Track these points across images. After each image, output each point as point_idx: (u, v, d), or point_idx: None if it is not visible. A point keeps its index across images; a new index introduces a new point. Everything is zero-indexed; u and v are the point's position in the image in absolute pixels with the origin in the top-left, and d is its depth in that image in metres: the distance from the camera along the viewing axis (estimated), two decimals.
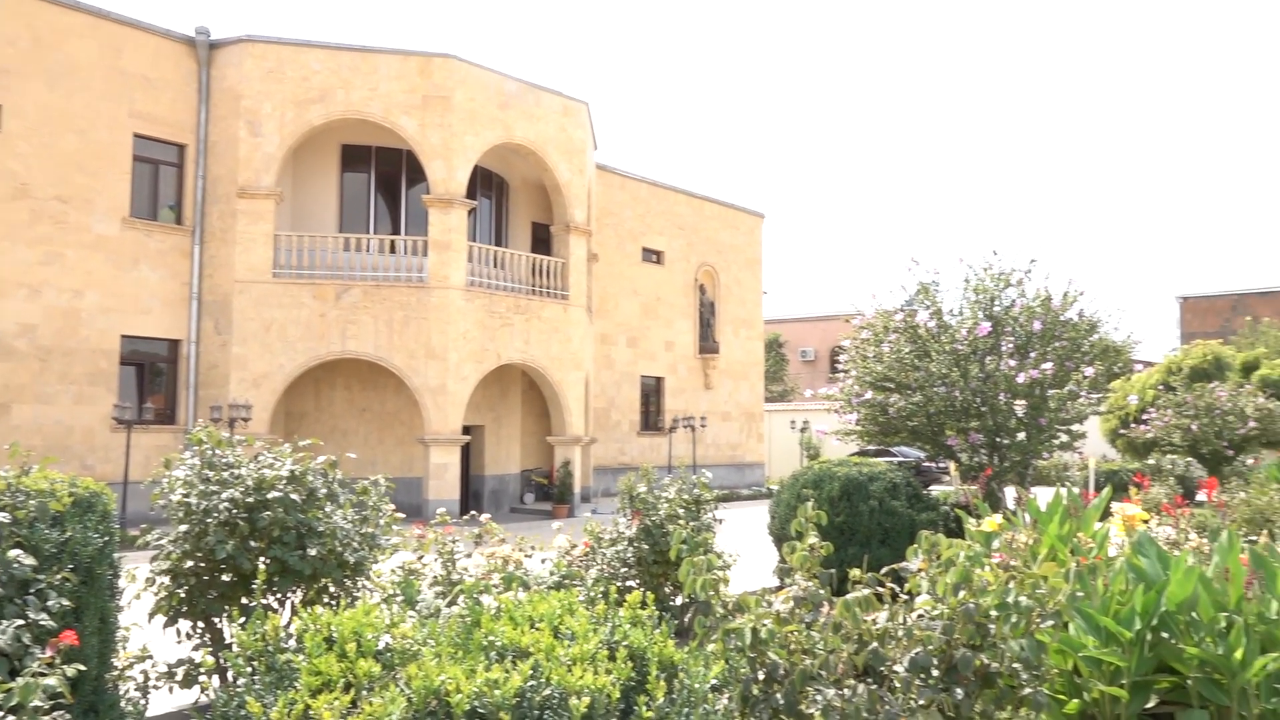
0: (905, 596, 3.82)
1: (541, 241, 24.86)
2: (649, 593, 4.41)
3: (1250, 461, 20.89)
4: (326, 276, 20.10)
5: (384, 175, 22.10)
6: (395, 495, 7.65)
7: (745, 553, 9.70)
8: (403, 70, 20.56)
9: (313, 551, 5.81)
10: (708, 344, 32.51)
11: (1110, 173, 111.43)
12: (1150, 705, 5.44)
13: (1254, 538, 7.39)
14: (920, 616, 3.61)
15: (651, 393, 31.07)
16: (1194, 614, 5.33)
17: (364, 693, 3.01)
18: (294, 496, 5.77)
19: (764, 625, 3.55)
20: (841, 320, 16.89)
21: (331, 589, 6.30)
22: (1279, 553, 6.04)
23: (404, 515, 7.47)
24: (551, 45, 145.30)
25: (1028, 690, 3.53)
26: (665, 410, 31.01)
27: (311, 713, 2.83)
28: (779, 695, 3.43)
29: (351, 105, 20.29)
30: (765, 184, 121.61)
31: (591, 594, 6.74)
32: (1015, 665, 3.55)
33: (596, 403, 28.12)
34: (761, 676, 3.51)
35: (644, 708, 2.91)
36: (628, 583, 7.90)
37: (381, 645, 3.33)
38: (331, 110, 20.23)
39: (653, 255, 31.06)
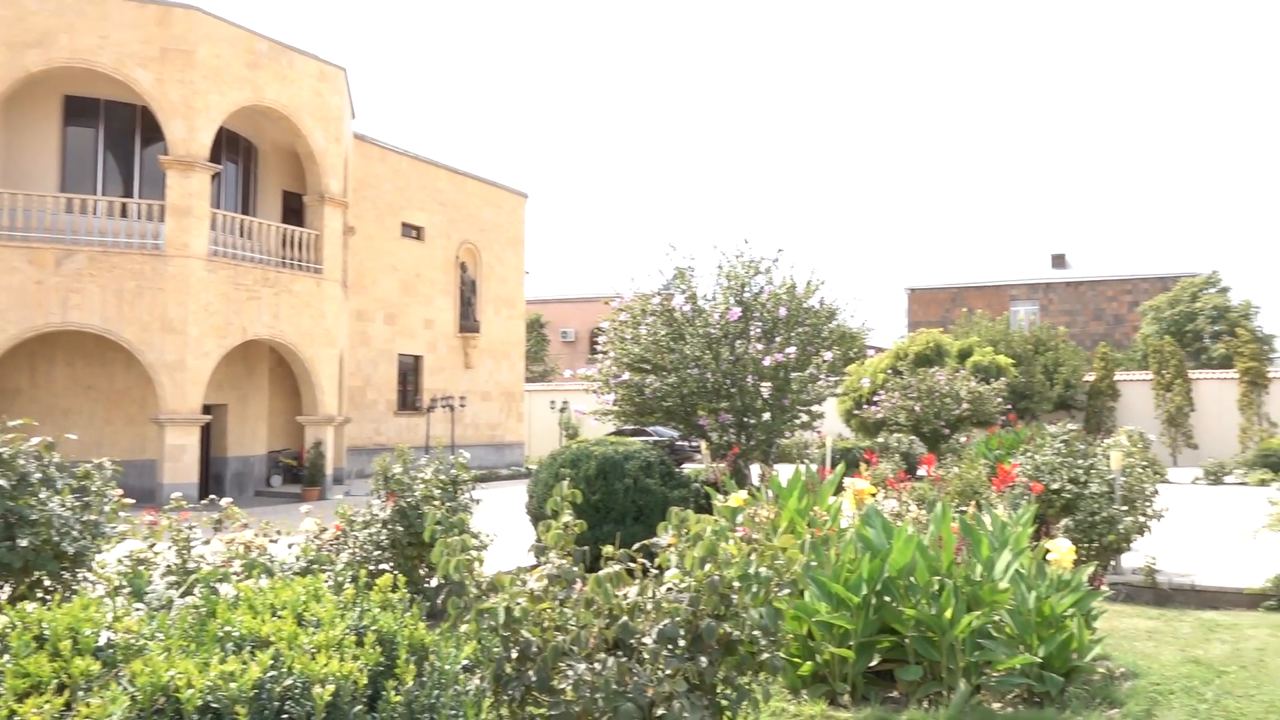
0: (656, 571, 3.94)
1: (294, 212, 23.63)
2: (403, 576, 4.32)
3: (963, 439, 23.06)
4: (45, 240, 18.20)
5: (115, 132, 20.25)
6: (125, 479, 7.07)
7: (503, 532, 9.69)
8: (138, 18, 18.89)
9: (24, 542, 5.28)
10: (468, 323, 32.13)
11: (848, 168, 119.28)
12: (874, 664, 5.91)
13: (964, 508, 8.16)
14: (669, 590, 3.74)
15: (410, 371, 30.37)
16: (912, 579, 5.83)
17: (80, 693, 2.77)
18: (1, 482, 5.22)
19: (518, 604, 3.56)
20: (601, 302, 17.15)
21: (47, 582, 5.76)
22: (985, 522, 6.71)
23: (134, 501, 6.92)
24: (308, 7, 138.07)
25: (766, 655, 3.73)
26: (424, 389, 30.41)
27: (18, 718, 2.58)
28: (531, 673, 3.45)
29: (77, 52, 18.44)
30: (529, 164, 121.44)
31: (340, 579, 6.52)
32: (755, 632, 3.74)
33: (351, 381, 27.16)
34: (515, 655, 3.52)
35: (392, 692, 2.85)
36: (381, 566, 7.70)
37: (103, 641, 3.07)
38: (53, 57, 18.30)
39: (413, 231, 30.30)
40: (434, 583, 7.84)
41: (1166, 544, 11.04)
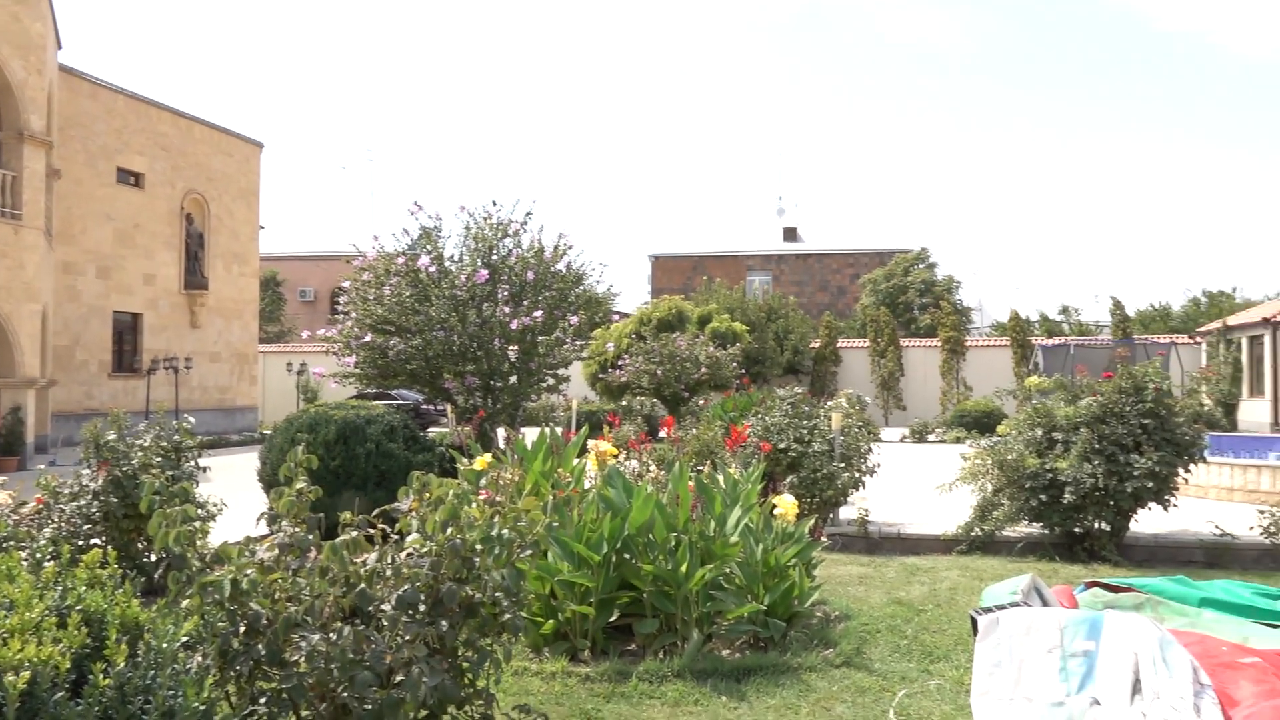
0: (396, 537, 3.86)
1: None
2: (116, 550, 3.99)
3: (701, 402, 24.09)
4: None
5: None
6: None
7: (234, 502, 9.16)
8: None
9: None
10: (195, 279, 29.97)
11: (595, 136, 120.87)
12: (614, 619, 6.09)
13: (701, 468, 8.54)
14: (410, 555, 3.67)
15: (127, 330, 27.96)
16: (651, 536, 6.04)
17: None
18: None
19: (246, 575, 3.38)
20: (343, 261, 16.48)
21: None
22: (719, 480, 7.05)
23: None
24: None
25: (508, 616, 3.76)
26: (144, 350, 28.12)
27: None
28: (261, 646, 3.30)
29: None
30: (266, 113, 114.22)
31: (40, 555, 5.94)
32: (498, 594, 3.75)
33: (58, 340, 24.66)
34: (243, 629, 3.35)
35: (100, 675, 2.63)
36: (93, 541, 7.08)
37: None
38: None
39: (131, 177, 27.79)
40: (153, 557, 7.30)
41: (878, 497, 12.06)
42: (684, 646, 5.79)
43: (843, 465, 9.82)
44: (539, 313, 14.14)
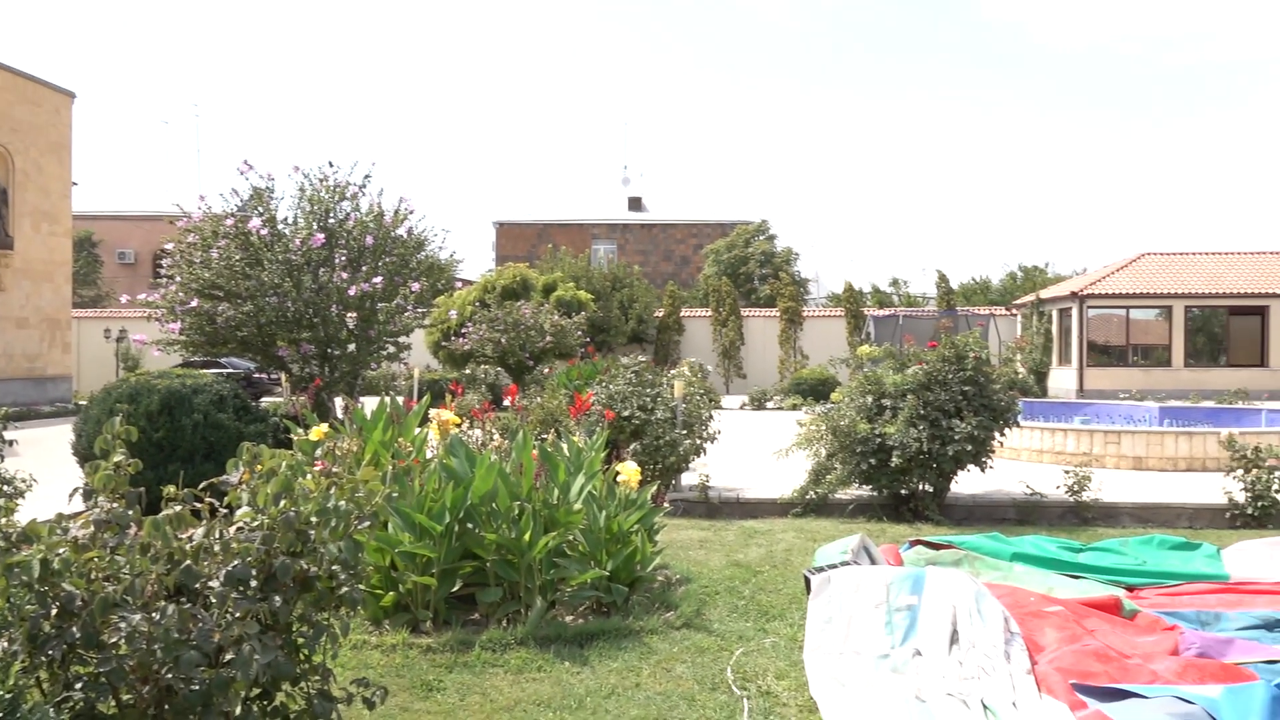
0: (226, 511, 3.70)
1: None
2: None
3: (546, 371, 24.05)
4: None
5: None
6: None
7: (47, 477, 8.59)
8: None
9: None
10: None
11: (438, 98, 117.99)
12: (456, 589, 6.04)
13: (545, 436, 8.53)
14: (240, 529, 3.53)
15: None
16: (494, 505, 6.00)
17: None
18: None
19: (58, 555, 3.17)
20: (166, 221, 15.57)
21: None
22: (563, 448, 7.06)
23: None
24: None
25: (345, 589, 3.66)
26: None
27: None
28: (75, 629, 3.10)
29: None
30: (79, 61, 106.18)
31: None
32: (334, 568, 3.65)
33: None
34: (54, 611, 3.14)
35: None
36: None
37: None
38: None
39: None
40: None
41: (719, 463, 12.36)
42: (527, 614, 5.80)
43: (685, 432, 10.00)
44: (379, 279, 13.76)
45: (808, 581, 5.88)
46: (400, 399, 8.33)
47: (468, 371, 25.14)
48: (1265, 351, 34.31)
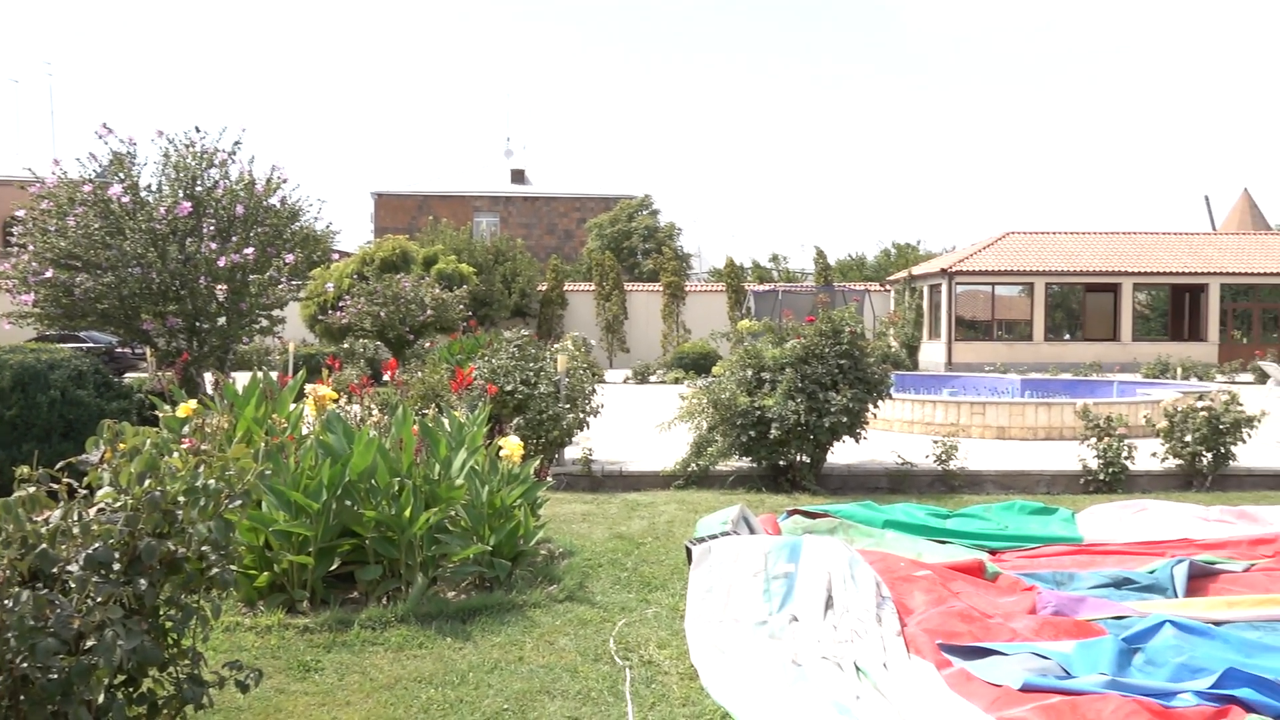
0: (85, 492, 3.53)
1: None
2: None
3: (427, 345, 23.67)
4: None
5: None
6: None
7: None
8: None
9: None
10: None
11: (313, 65, 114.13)
12: (334, 568, 5.92)
13: (426, 411, 8.41)
14: (101, 510, 3.37)
15: None
16: (373, 481, 5.90)
17: None
18: None
19: None
20: (17, 186, 14.66)
21: None
22: (444, 423, 6.97)
23: None
24: None
25: (216, 571, 3.55)
26: None
27: None
28: None
29: None
30: None
31: None
32: (204, 548, 3.53)
33: None
34: None
35: None
36: None
37: None
38: None
39: None
40: None
41: (602, 437, 12.41)
42: (408, 591, 5.73)
43: (568, 407, 10.00)
44: (250, 250, 13.28)
45: (689, 552, 5.98)
46: (274, 374, 8.08)
47: (346, 346, 24.54)
48: (1117, 326, 36.31)
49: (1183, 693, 4.14)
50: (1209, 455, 10.15)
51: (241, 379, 8.55)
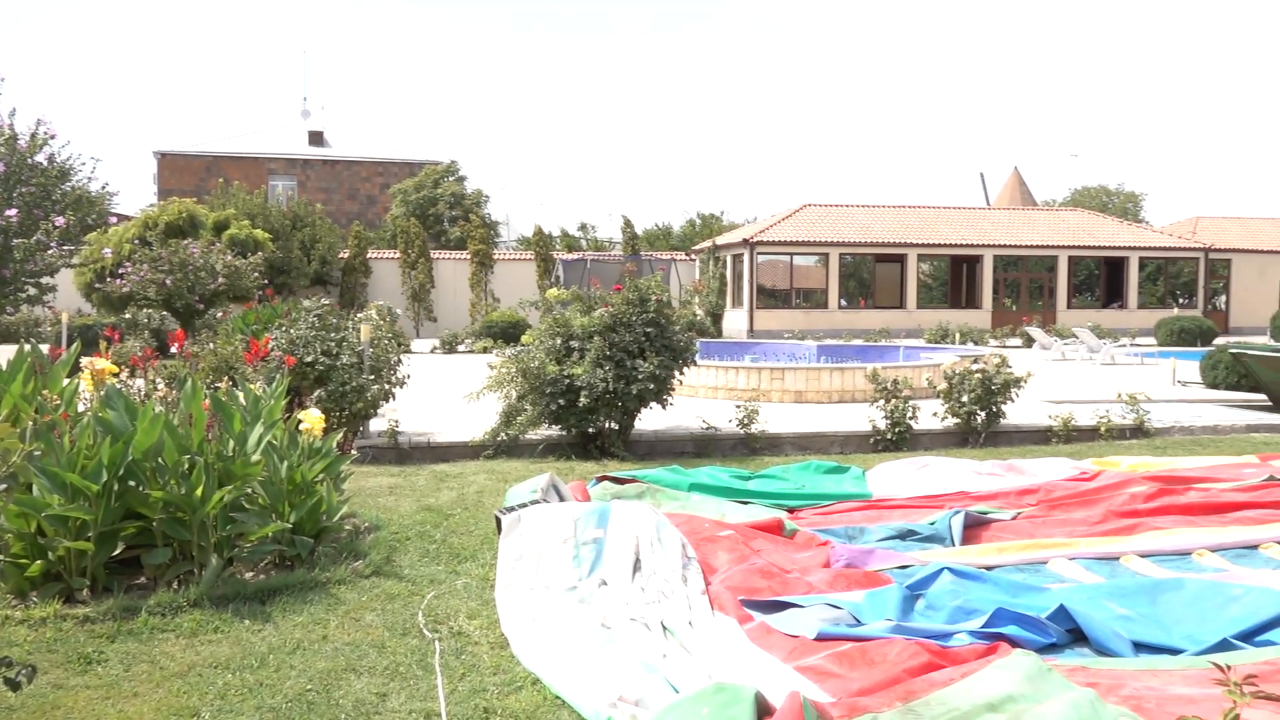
0: None
1: None
2: None
3: (219, 315, 22.41)
4: None
5: None
6: None
7: None
8: None
9: None
10: None
11: (94, 10, 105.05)
12: (118, 553, 5.55)
13: (218, 385, 7.97)
14: None
15: None
16: (160, 459, 5.56)
17: None
18: None
19: None
20: None
21: None
22: (239, 397, 6.64)
23: None
24: None
25: None
26: None
27: None
28: None
29: None
30: None
31: None
32: None
33: None
34: None
35: None
36: None
37: None
38: None
39: None
40: None
41: (409, 408, 12.16)
42: (202, 574, 5.45)
43: (372, 378, 9.73)
44: (13, 212, 12.16)
45: (499, 521, 5.96)
46: (45, 347, 7.46)
47: (127, 316, 22.91)
48: (904, 295, 38.61)
49: (959, 633, 4.49)
50: (983, 414, 10.98)
51: (6, 352, 7.85)
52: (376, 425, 10.32)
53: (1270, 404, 13.87)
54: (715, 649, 4.44)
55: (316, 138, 53.05)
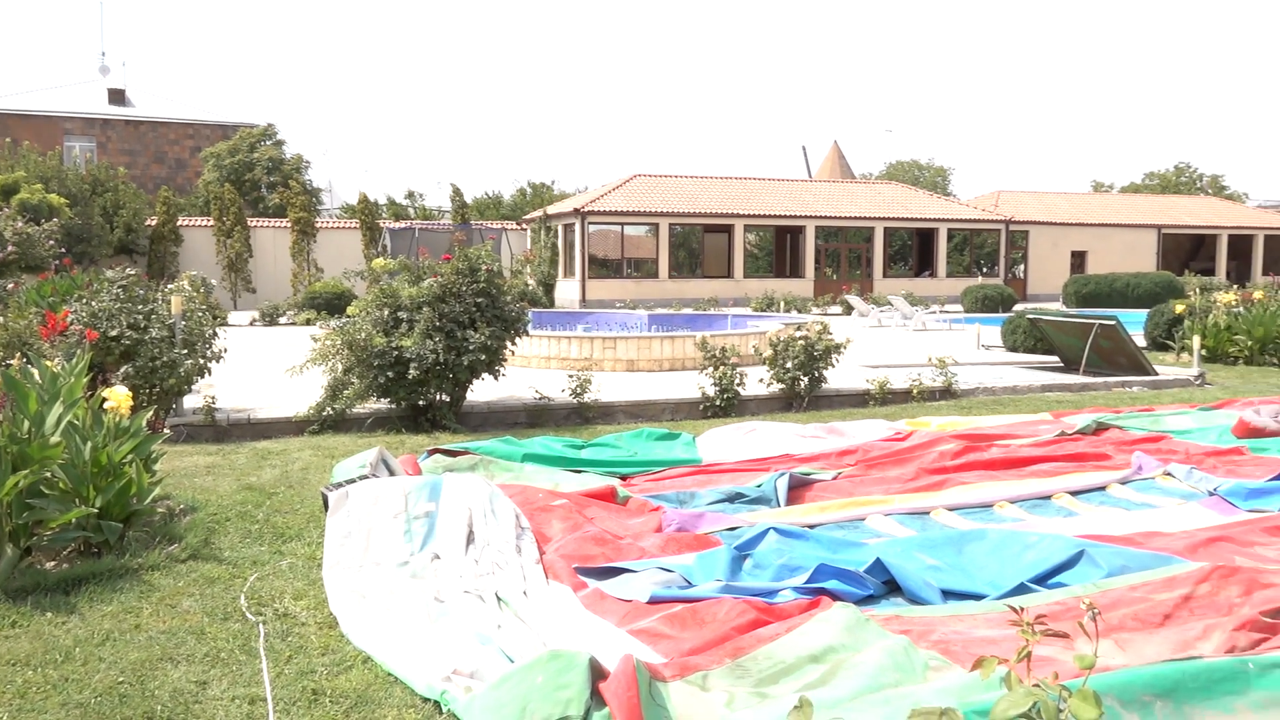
0: None
1: None
2: None
3: (11, 286, 20.70)
4: None
5: None
6: None
7: None
8: None
9: None
10: None
11: None
12: None
13: (10, 362, 7.38)
14: None
15: None
16: None
17: None
18: None
19: None
20: None
21: None
22: (34, 375, 6.17)
23: None
24: None
25: None
26: None
27: None
28: None
29: None
30: None
31: None
32: None
33: None
34: None
35: None
36: None
37: None
38: None
39: None
40: None
41: (227, 383, 11.60)
42: None
43: (185, 352, 9.22)
44: None
45: (325, 498, 5.78)
46: None
47: None
48: (731, 264, 39.54)
49: (784, 589, 4.67)
50: (806, 379, 11.40)
51: None
52: (191, 402, 9.81)
53: (1062, 365, 15.00)
54: (550, 617, 4.46)
55: (118, 96, 49.53)
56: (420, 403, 9.88)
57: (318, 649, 4.26)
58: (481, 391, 11.02)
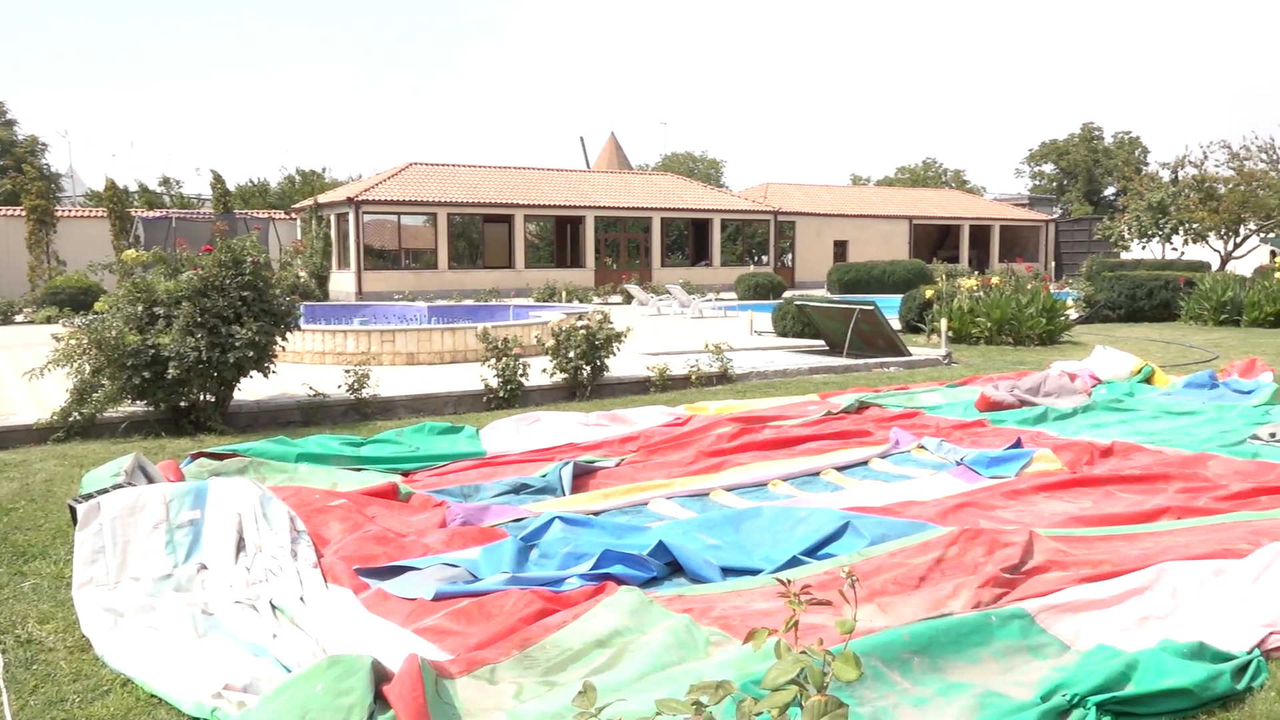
0: None
1: None
2: None
3: None
4: None
5: None
6: None
7: None
8: None
9: None
10: None
11: None
12: None
13: None
14: None
15: None
16: None
17: None
18: None
19: None
20: None
21: None
22: None
23: None
24: None
25: None
26: None
27: None
28: None
29: None
30: None
31: None
32: None
33: None
34: None
35: None
36: None
37: None
38: None
39: None
40: None
41: None
42: None
43: None
44: None
45: (74, 511, 5.32)
46: None
47: None
48: (512, 255, 39.39)
49: (570, 577, 4.71)
50: (588, 368, 11.52)
51: None
52: None
53: (828, 349, 15.90)
54: (330, 623, 4.30)
55: None
56: (182, 404, 9.26)
57: (68, 675, 3.92)
58: (250, 390, 10.46)
